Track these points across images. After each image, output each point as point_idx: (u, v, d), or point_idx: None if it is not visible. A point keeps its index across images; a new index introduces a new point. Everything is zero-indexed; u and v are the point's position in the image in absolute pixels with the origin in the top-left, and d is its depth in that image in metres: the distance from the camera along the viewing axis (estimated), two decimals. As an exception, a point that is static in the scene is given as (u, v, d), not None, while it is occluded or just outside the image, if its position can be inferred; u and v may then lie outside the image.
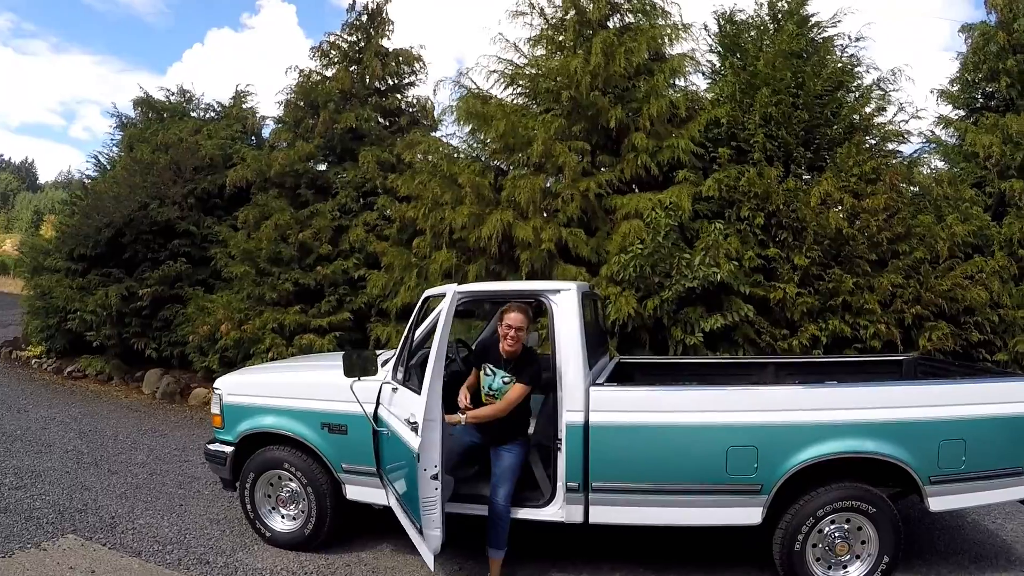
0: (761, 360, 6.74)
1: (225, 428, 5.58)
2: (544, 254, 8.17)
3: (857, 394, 4.66)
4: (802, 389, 4.82)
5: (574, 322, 4.84)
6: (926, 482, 4.48)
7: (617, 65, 8.79)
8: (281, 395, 5.44)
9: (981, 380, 4.93)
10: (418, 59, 11.72)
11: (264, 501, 5.47)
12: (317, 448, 5.21)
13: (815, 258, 8.01)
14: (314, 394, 5.31)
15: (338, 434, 5.15)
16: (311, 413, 5.25)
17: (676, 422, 4.56)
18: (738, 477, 4.47)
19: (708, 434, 4.51)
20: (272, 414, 5.39)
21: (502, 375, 4.83)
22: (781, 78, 8.81)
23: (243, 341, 10.05)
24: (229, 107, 13.68)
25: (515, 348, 4.74)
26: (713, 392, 4.81)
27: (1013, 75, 9.70)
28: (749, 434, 4.47)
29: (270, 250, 10.36)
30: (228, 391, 5.66)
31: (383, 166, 10.67)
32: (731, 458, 4.46)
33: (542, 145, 8.49)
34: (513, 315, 4.72)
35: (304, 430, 5.25)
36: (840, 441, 4.45)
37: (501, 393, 4.79)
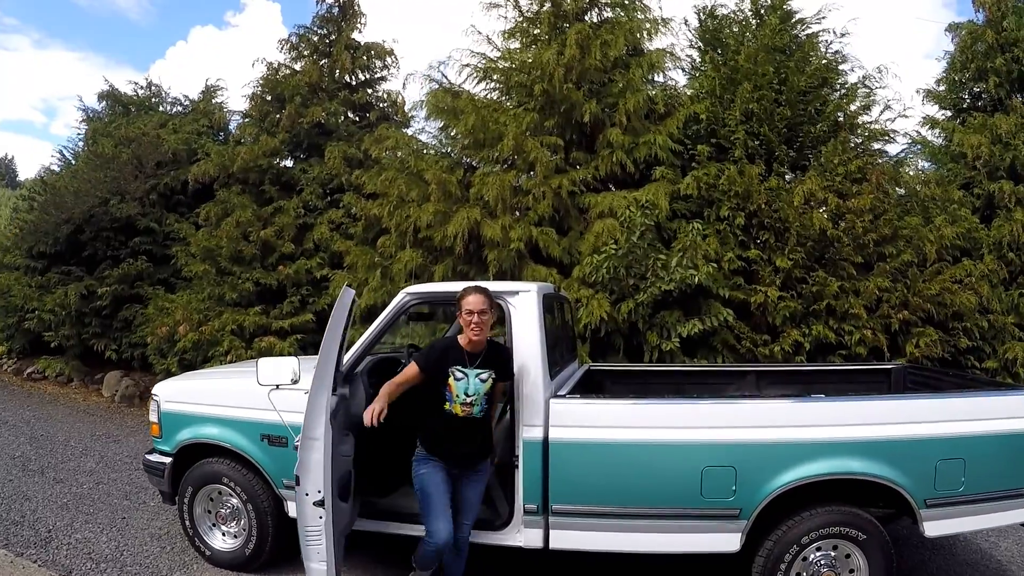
0: (741, 368, 6.21)
1: (163, 438, 5.12)
2: (513, 254, 7.59)
3: (847, 409, 4.15)
4: (786, 403, 4.27)
5: (534, 327, 4.32)
6: (922, 505, 3.99)
7: (592, 58, 8.25)
8: (219, 403, 4.94)
9: (983, 393, 4.41)
10: (390, 53, 11.15)
11: (204, 517, 5.05)
12: (257, 462, 4.72)
13: (798, 260, 7.49)
14: (253, 402, 4.72)
15: (278, 447, 4.63)
16: (250, 423, 4.75)
17: (645, 439, 4.05)
18: (714, 500, 3.98)
19: (681, 453, 4.02)
20: (210, 424, 4.92)
21: (477, 373, 4.03)
22: (763, 73, 8.30)
23: (201, 343, 9.45)
24: (198, 102, 13.00)
25: (482, 337, 4.01)
26: (686, 406, 4.31)
27: (1002, 74, 9.26)
28: (726, 453, 3.97)
29: (231, 248, 9.77)
30: (166, 398, 5.18)
31: (350, 162, 10.09)
32: (707, 479, 3.96)
33: (513, 140, 7.92)
34: (472, 298, 3.97)
35: (243, 442, 4.75)
36: (828, 461, 3.96)
37: (481, 396, 4.03)
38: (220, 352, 9.27)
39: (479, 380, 4.02)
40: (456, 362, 4.04)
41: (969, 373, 7.27)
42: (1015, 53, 9.25)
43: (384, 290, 8.41)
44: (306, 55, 11.14)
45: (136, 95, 13.49)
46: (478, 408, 4.05)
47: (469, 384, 4.02)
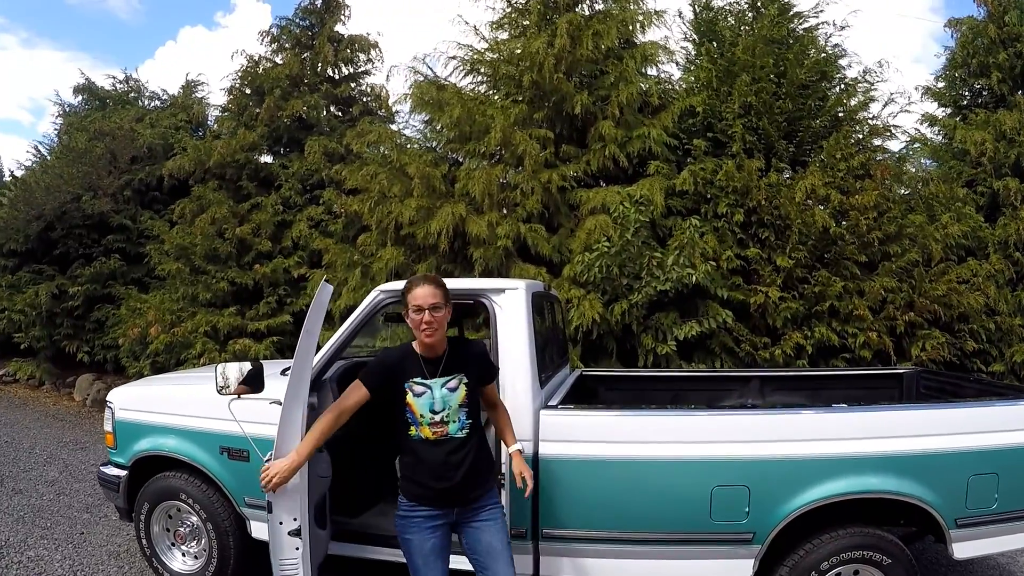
0: (744, 374, 5.68)
1: (118, 448, 4.60)
2: (500, 252, 7.07)
3: (874, 421, 3.61)
4: (807, 415, 3.72)
5: (522, 329, 3.78)
6: (952, 525, 3.49)
7: (584, 48, 7.76)
8: (175, 411, 4.37)
9: (1018, 402, 3.84)
10: (374, 46, 10.61)
11: (163, 536, 4.51)
12: (216, 476, 4.18)
13: (800, 259, 7.00)
14: (211, 411, 4.16)
15: (239, 460, 4.09)
16: (208, 434, 4.18)
17: (648, 455, 3.51)
18: (725, 524, 3.44)
19: (688, 471, 3.47)
20: (167, 434, 4.36)
21: (442, 382, 3.09)
22: (762, 65, 7.82)
23: (174, 345, 8.88)
24: (177, 97, 12.37)
25: (436, 337, 3.06)
26: (694, 418, 3.74)
27: (1004, 69, 8.86)
28: (739, 471, 3.43)
29: (205, 246, 9.20)
30: (121, 405, 4.61)
31: (331, 157, 9.54)
32: (716, 500, 3.43)
33: (500, 133, 7.40)
34: (419, 291, 3.05)
35: (201, 455, 4.22)
36: (851, 478, 3.43)
37: (455, 409, 3.07)
38: (193, 355, 8.72)
39: (447, 390, 3.08)
40: (413, 373, 3.11)
41: (979, 376, 6.79)
42: (1018, 48, 8.83)
43: (364, 290, 7.85)
44: (288, 48, 10.58)
45: (114, 89, 12.85)
46: (455, 425, 3.08)
47: (434, 397, 3.07)
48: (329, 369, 4.12)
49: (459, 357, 3.17)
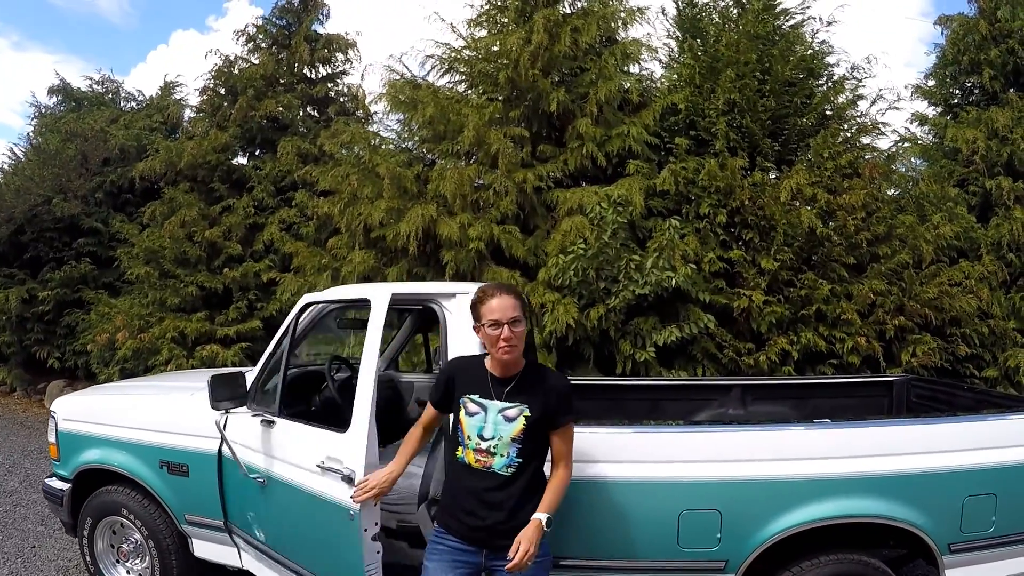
0: (725, 382, 5.29)
1: (61, 461, 4.42)
2: (473, 255, 6.67)
3: (861, 438, 3.24)
4: (785, 432, 3.35)
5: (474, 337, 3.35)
6: (945, 551, 3.16)
7: (562, 45, 7.39)
8: (116, 422, 4.17)
9: (1018, 414, 3.45)
10: (352, 45, 10.22)
11: (107, 552, 4.35)
12: (156, 492, 3.99)
13: (785, 261, 6.58)
14: (152, 423, 4.04)
15: (178, 475, 3.92)
16: (148, 447, 4.00)
17: (609, 476, 3.14)
18: (694, 551, 3.10)
19: (653, 493, 3.12)
20: (108, 446, 4.16)
21: (502, 408, 2.70)
22: (746, 61, 7.40)
23: (141, 351, 8.46)
24: (154, 98, 11.95)
25: (514, 355, 2.68)
26: (659, 434, 3.34)
27: (996, 66, 8.49)
28: (710, 493, 3.10)
29: (175, 250, 8.82)
30: (63, 415, 4.42)
31: (304, 158, 9.16)
32: (685, 526, 3.09)
33: (473, 131, 7.00)
34: (496, 302, 2.67)
35: (141, 468, 4.03)
36: (836, 501, 3.09)
37: (506, 442, 2.66)
38: (160, 361, 8.34)
39: (503, 418, 2.67)
40: (473, 388, 2.75)
41: (973, 385, 6.40)
42: (1010, 44, 8.46)
43: (335, 294, 7.44)
44: (264, 47, 10.15)
45: (90, 90, 12.43)
46: (502, 460, 2.66)
47: (487, 422, 2.69)
48: (269, 381, 3.78)
49: (531, 385, 2.73)
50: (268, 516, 3.58)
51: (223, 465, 3.76)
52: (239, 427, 3.69)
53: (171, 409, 4.05)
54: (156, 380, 5.48)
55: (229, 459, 3.64)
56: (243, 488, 3.66)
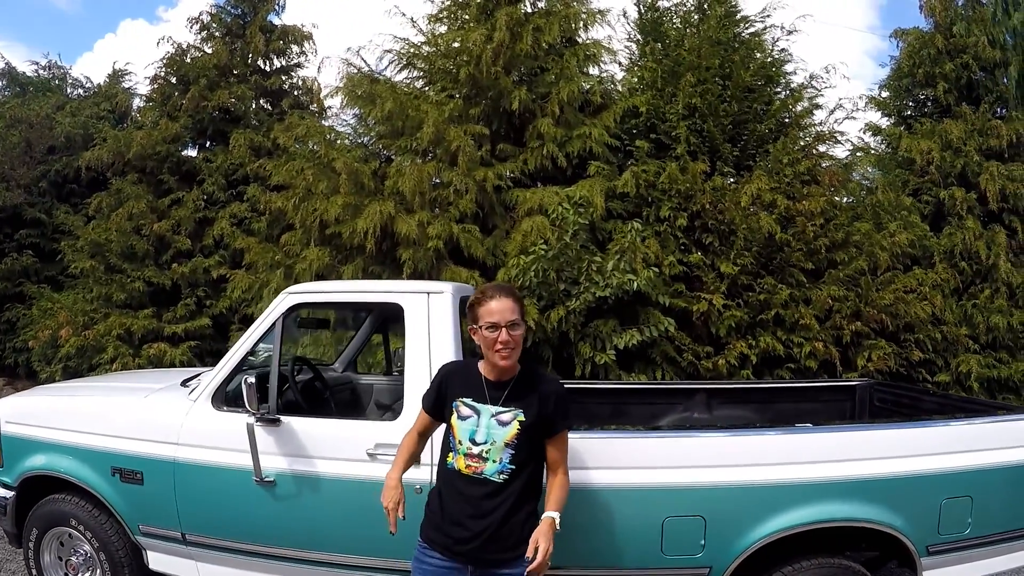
0: (689, 386, 5.16)
1: (4, 467, 4.01)
2: (431, 254, 6.43)
3: (842, 442, 3.24)
4: (771, 436, 3.27)
5: (448, 341, 3.28)
6: (923, 553, 3.18)
7: (524, 44, 7.18)
8: (64, 426, 3.80)
9: (996, 418, 3.46)
10: (308, 37, 9.86)
11: (55, 565, 3.98)
12: (107, 501, 3.64)
13: (746, 266, 6.48)
14: (103, 427, 3.69)
15: (131, 483, 3.58)
16: (99, 453, 3.65)
17: (591, 483, 3.04)
18: (678, 558, 3.09)
19: (637, 499, 3.08)
20: (53, 452, 3.79)
21: (496, 412, 2.56)
22: (707, 66, 7.31)
23: (85, 349, 8.00)
24: (102, 86, 11.38)
25: (512, 360, 2.55)
26: (643, 440, 3.30)
27: (951, 80, 8.56)
28: (694, 499, 3.08)
29: (121, 243, 8.38)
30: (6, 418, 4.02)
31: (257, 151, 8.79)
32: (669, 533, 3.05)
33: (433, 127, 6.74)
34: (496, 304, 2.54)
35: (90, 476, 3.67)
36: (819, 505, 3.08)
37: (499, 447, 2.52)
38: (105, 359, 7.89)
39: (497, 422, 2.54)
40: (466, 392, 2.61)
41: (933, 389, 6.38)
42: (964, 59, 8.53)
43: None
44: (217, 36, 9.70)
45: (36, 76, 11.78)
46: (494, 466, 2.52)
47: (479, 426, 2.55)
48: (231, 382, 3.57)
49: (525, 389, 2.61)
50: (276, 515, 3.35)
51: (178, 472, 3.47)
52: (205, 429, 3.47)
53: (124, 412, 3.72)
54: (105, 380, 5.06)
55: (188, 465, 3.40)
56: (222, 493, 3.41)
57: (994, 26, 8.53)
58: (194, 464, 3.43)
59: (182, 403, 3.59)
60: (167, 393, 3.82)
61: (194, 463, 3.43)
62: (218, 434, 3.43)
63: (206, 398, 3.51)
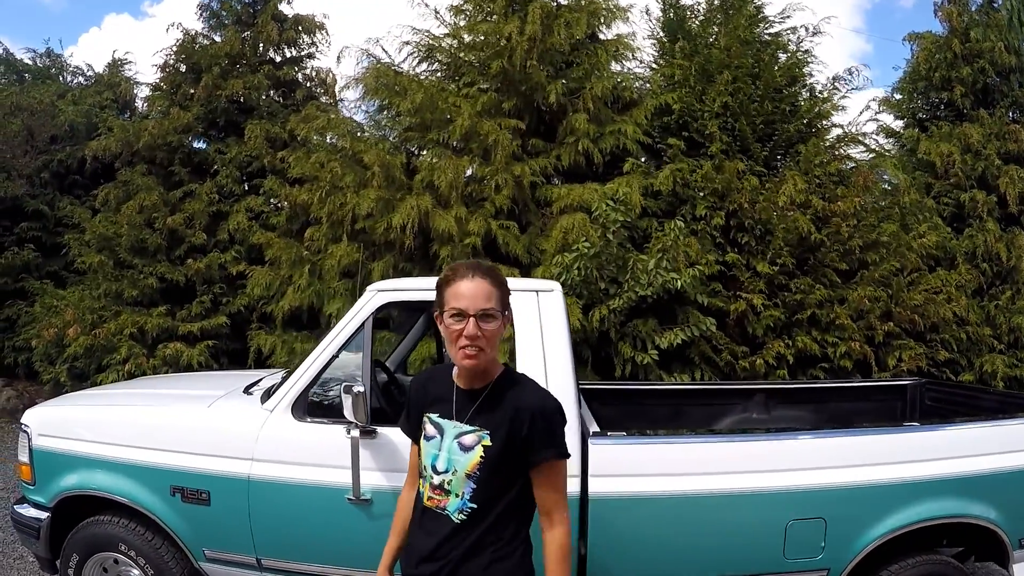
0: (747, 387, 4.98)
1: (36, 484, 3.44)
2: (468, 250, 6.09)
3: (951, 439, 3.22)
4: (886, 435, 3.24)
5: (561, 335, 3.06)
6: (1016, 546, 3.20)
7: (557, 37, 6.92)
8: (110, 439, 3.28)
9: None
10: (320, 27, 9.42)
11: None
12: (166, 523, 3.17)
13: (786, 265, 6.30)
14: (159, 440, 3.21)
15: (196, 503, 3.11)
16: (155, 470, 3.17)
17: (718, 489, 2.92)
18: (800, 561, 2.99)
19: (762, 504, 2.95)
20: (98, 468, 3.27)
21: (460, 431, 1.96)
22: (739, 65, 7.12)
23: (95, 349, 7.55)
24: (103, 74, 10.83)
25: (479, 361, 1.92)
26: (768, 443, 3.21)
27: (967, 84, 8.53)
28: (817, 501, 2.97)
29: (132, 237, 7.93)
30: (39, 429, 3.44)
31: (273, 143, 8.38)
32: (792, 536, 2.94)
33: (468, 121, 6.43)
34: (467, 284, 1.91)
35: (145, 495, 3.18)
36: (929, 503, 3.05)
37: (460, 478, 1.93)
38: (117, 360, 7.43)
39: (458, 446, 1.94)
40: (437, 403, 2.03)
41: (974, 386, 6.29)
42: (980, 64, 8.49)
43: (312, 290, 6.77)
44: (227, 23, 9.25)
45: (33, 63, 11.18)
46: (456, 502, 1.94)
47: (441, 448, 1.97)
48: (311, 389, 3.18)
49: (500, 403, 1.94)
50: (372, 536, 2.88)
51: (254, 491, 3.07)
52: (286, 442, 3.08)
53: (184, 424, 3.28)
54: (143, 387, 4.53)
55: (265, 483, 3.02)
56: (307, 513, 3.04)
57: (1009, 31, 8.50)
58: (273, 482, 3.03)
59: (255, 413, 3.16)
60: (233, 402, 3.41)
61: (273, 480, 3.03)
62: (302, 448, 3.05)
63: (285, 408, 3.10)
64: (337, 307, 6.43)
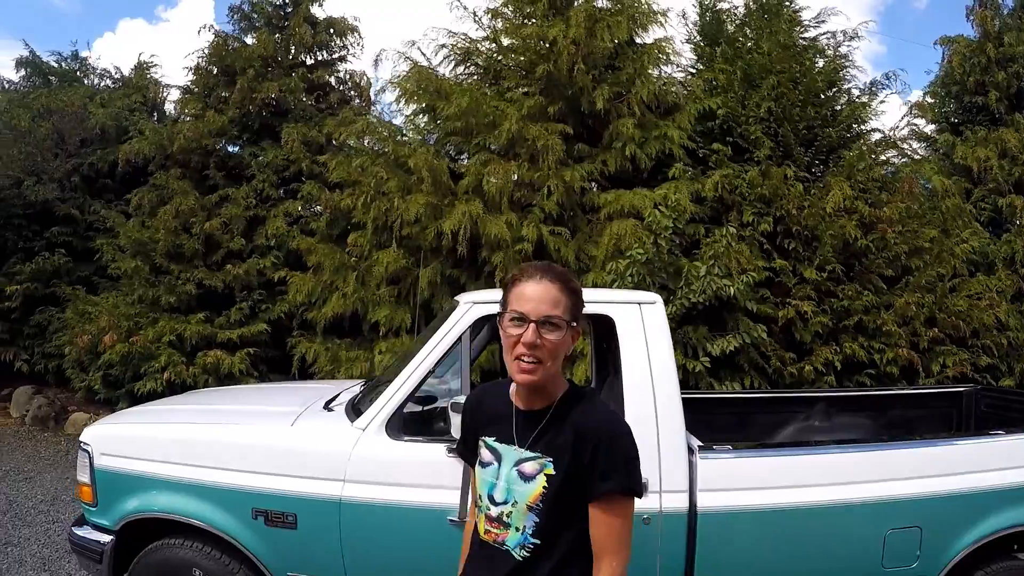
0: (810, 394, 4.98)
1: (99, 506, 3.22)
2: (519, 257, 6.03)
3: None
4: (973, 443, 3.29)
5: (666, 348, 3.02)
6: None
7: (601, 41, 6.85)
8: (182, 460, 3.09)
9: None
10: (352, 30, 9.30)
11: None
12: (247, 548, 2.97)
13: (835, 271, 6.28)
14: (238, 460, 3.02)
15: (281, 527, 2.92)
16: (234, 492, 2.98)
17: (822, 500, 2.89)
18: (896, 570, 2.96)
19: (863, 514, 2.92)
20: (170, 490, 3.08)
21: (519, 458, 1.68)
22: (782, 70, 7.06)
23: (132, 356, 7.44)
24: (131, 77, 10.68)
25: (538, 376, 1.62)
26: (868, 454, 3.16)
27: (1002, 88, 8.47)
28: (914, 510, 2.96)
29: (169, 242, 7.79)
30: (101, 448, 3.23)
31: (310, 147, 8.22)
32: (890, 545, 2.91)
33: (515, 125, 6.36)
34: (533, 286, 1.63)
35: (223, 519, 2.99)
36: (1012, 511, 3.04)
37: (521, 510, 1.66)
38: (155, 368, 7.33)
39: (518, 474, 1.68)
40: (495, 424, 1.77)
41: None
42: (1015, 68, 8.48)
43: (357, 296, 6.66)
44: (258, 26, 9.15)
45: (59, 65, 10.99)
46: (516, 536, 1.68)
47: (499, 476, 1.71)
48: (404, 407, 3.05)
49: (564, 425, 1.67)
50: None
51: (345, 513, 2.92)
52: (382, 462, 2.94)
53: (266, 443, 3.09)
54: (205, 402, 4.31)
55: (359, 505, 2.88)
56: (405, 537, 2.91)
57: (1042, 36, 8.49)
58: (368, 504, 2.86)
59: (346, 432, 2.99)
60: (319, 420, 3.24)
61: (368, 503, 2.86)
62: (399, 467, 2.92)
63: (379, 426, 2.96)
64: (384, 314, 6.36)
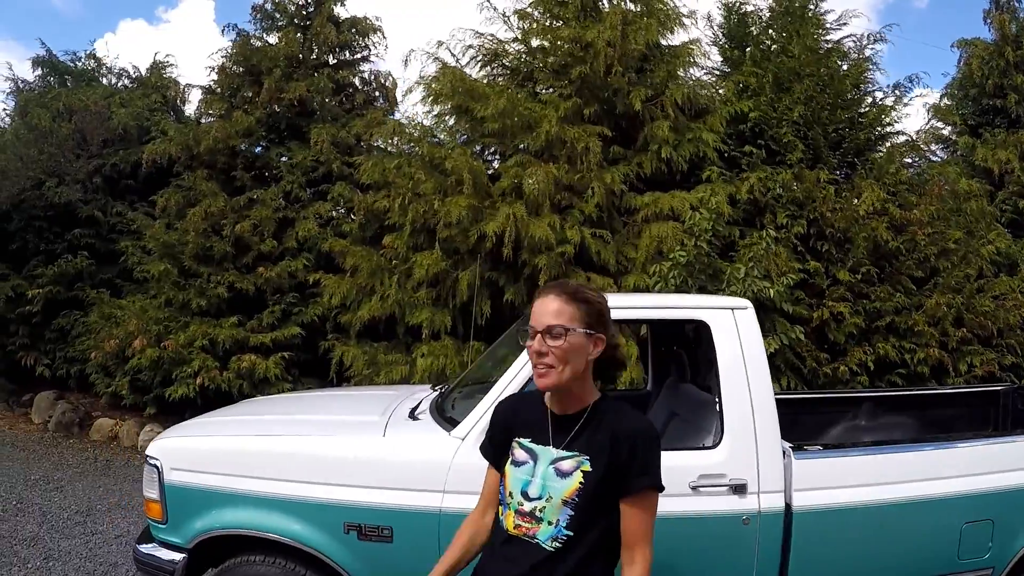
0: (856, 395, 5.09)
1: (168, 523, 3.11)
2: (562, 260, 6.04)
3: None
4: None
5: (760, 352, 3.08)
6: None
7: (635, 43, 6.87)
8: (263, 474, 2.98)
9: None
10: (375, 30, 9.26)
11: None
12: (338, 564, 2.89)
13: (869, 272, 6.40)
14: (326, 473, 2.94)
15: (376, 541, 2.84)
16: (323, 506, 2.89)
17: (905, 496, 3.00)
18: (970, 562, 3.11)
19: (943, 508, 3.06)
20: (250, 505, 2.98)
21: (555, 457, 1.86)
22: (811, 73, 7.13)
23: (162, 361, 7.33)
24: (147, 76, 10.56)
25: (550, 380, 1.82)
26: (946, 451, 3.28)
27: (1021, 91, 8.58)
28: (987, 504, 3.11)
29: (198, 244, 7.70)
30: (172, 463, 3.13)
31: (339, 148, 8.18)
32: (965, 538, 3.06)
33: (553, 127, 6.37)
34: (538, 303, 1.89)
35: (311, 534, 2.90)
36: None
37: (556, 504, 1.82)
38: (187, 373, 7.23)
39: (555, 471, 1.84)
40: (527, 428, 1.94)
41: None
42: (1034, 70, 8.56)
43: (394, 299, 6.65)
44: (282, 25, 9.08)
45: (75, 65, 10.83)
46: (548, 530, 1.83)
47: (535, 475, 1.87)
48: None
49: (599, 429, 1.84)
50: None
51: (445, 525, 2.83)
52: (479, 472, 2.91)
53: (357, 455, 3.01)
54: (272, 411, 4.07)
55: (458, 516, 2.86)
56: None
57: (1060, 39, 8.62)
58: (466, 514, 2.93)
59: (444, 442, 2.93)
60: (410, 430, 3.18)
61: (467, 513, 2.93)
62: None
63: (479, 435, 2.81)
64: (425, 317, 6.36)
